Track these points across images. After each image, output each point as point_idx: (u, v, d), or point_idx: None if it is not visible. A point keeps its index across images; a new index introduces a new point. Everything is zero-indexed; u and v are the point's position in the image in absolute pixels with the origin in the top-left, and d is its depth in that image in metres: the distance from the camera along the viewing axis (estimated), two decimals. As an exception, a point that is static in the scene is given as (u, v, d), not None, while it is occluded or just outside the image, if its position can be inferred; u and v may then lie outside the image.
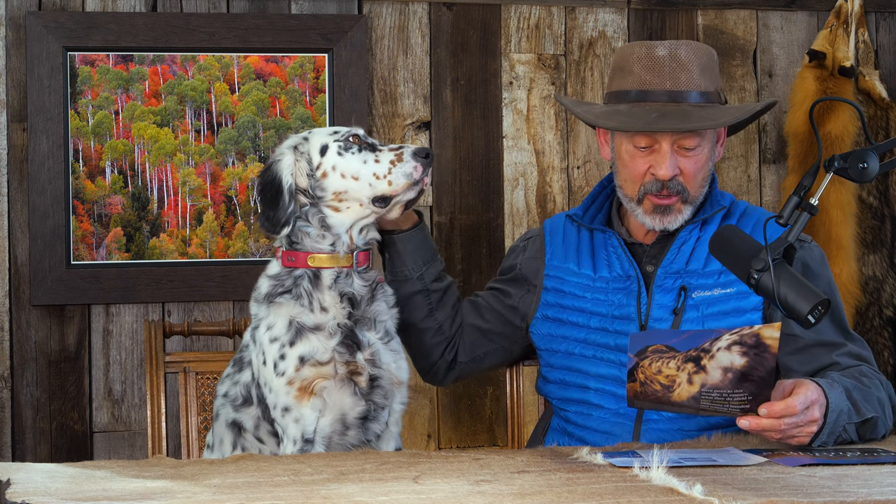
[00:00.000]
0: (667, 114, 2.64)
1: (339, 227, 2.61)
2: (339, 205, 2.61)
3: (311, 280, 2.59)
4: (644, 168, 2.68)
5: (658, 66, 2.67)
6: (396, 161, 2.59)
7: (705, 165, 2.70)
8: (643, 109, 2.66)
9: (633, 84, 2.69)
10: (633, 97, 2.69)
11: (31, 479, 2.07)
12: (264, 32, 3.83)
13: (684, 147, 2.66)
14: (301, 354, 2.55)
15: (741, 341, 2.24)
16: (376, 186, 2.59)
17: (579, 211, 2.85)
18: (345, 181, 2.60)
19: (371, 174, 2.59)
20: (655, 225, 2.70)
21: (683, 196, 2.68)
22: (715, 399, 2.27)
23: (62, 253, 3.71)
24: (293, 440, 2.55)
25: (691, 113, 2.65)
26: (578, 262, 2.80)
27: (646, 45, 2.71)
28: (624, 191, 2.73)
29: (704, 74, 2.69)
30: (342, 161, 2.61)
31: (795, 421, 2.32)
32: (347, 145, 2.62)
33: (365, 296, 2.61)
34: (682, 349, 2.26)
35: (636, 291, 2.71)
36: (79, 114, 3.73)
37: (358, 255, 2.62)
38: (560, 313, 2.80)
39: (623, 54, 2.74)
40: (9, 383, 3.72)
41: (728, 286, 2.67)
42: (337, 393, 2.57)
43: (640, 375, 2.29)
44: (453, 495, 1.95)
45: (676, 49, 2.68)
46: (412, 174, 2.59)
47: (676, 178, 2.67)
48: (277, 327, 2.58)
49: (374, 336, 2.61)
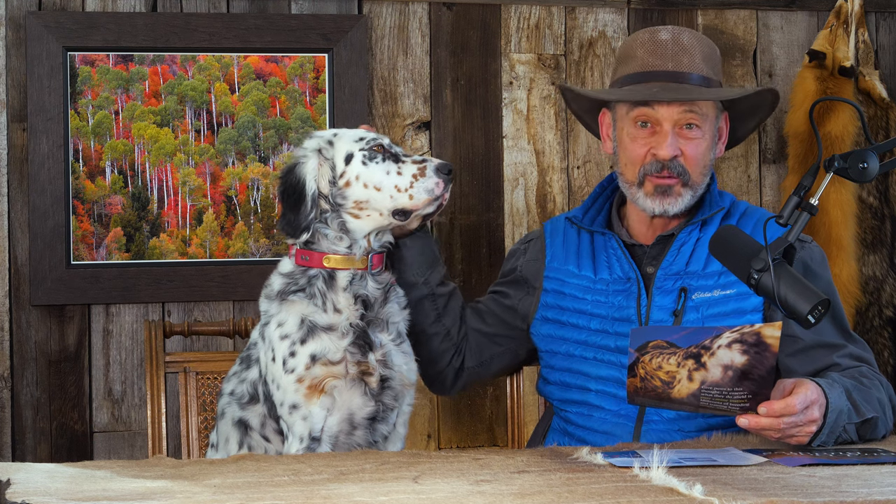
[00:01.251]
0: (668, 88, 2.67)
1: (357, 232, 2.61)
2: (360, 213, 2.60)
3: (325, 280, 2.59)
4: (645, 150, 2.70)
5: (661, 48, 2.70)
6: (419, 175, 2.58)
7: (706, 153, 2.71)
8: (645, 86, 2.70)
9: (636, 67, 2.73)
10: (635, 79, 2.71)
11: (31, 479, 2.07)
12: (264, 32, 3.83)
13: (685, 127, 2.68)
14: (312, 353, 2.55)
15: (742, 339, 2.24)
16: (397, 199, 2.58)
17: (579, 213, 2.86)
18: (367, 191, 2.59)
19: (393, 186, 2.58)
20: (655, 208, 2.70)
21: (684, 178, 2.69)
22: (715, 397, 2.27)
23: (62, 253, 3.71)
24: (300, 438, 2.55)
25: (692, 90, 2.68)
26: (579, 264, 2.80)
27: (649, 31, 2.75)
28: (625, 176, 2.74)
29: (706, 62, 2.72)
30: (366, 171, 2.60)
31: (795, 420, 2.32)
32: (372, 154, 2.61)
33: (379, 298, 2.61)
34: (683, 345, 2.26)
35: (636, 293, 2.71)
36: (79, 114, 3.73)
37: (373, 258, 2.62)
38: (560, 315, 2.80)
39: (627, 42, 2.78)
40: (9, 383, 3.72)
41: (728, 287, 2.67)
42: (347, 392, 2.57)
43: (640, 371, 2.29)
44: (453, 495, 1.95)
45: (680, 34, 2.72)
46: (433, 190, 2.58)
47: (677, 160, 2.68)
48: (289, 324, 2.58)
49: (387, 337, 2.62)
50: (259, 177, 3.82)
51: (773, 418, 2.29)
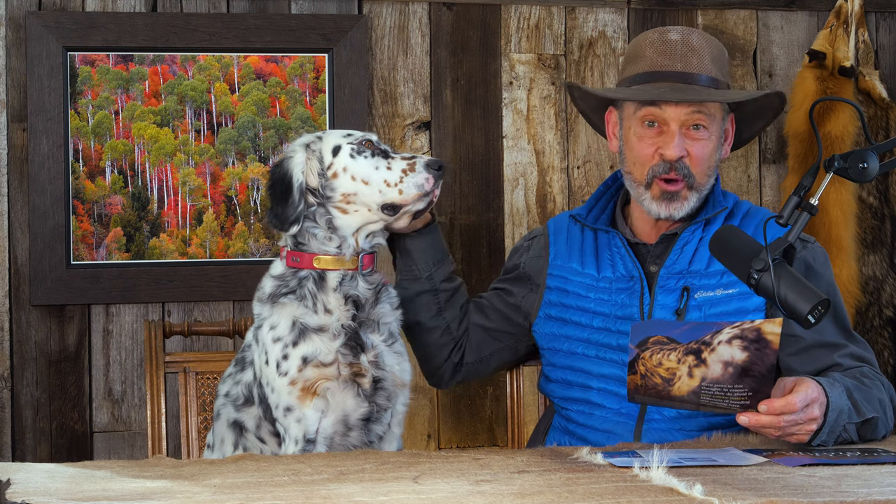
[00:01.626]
0: (677, 89, 2.68)
1: (345, 229, 2.61)
2: (347, 207, 2.60)
3: (315, 281, 2.59)
4: (652, 150, 2.70)
5: (670, 49, 2.70)
6: (408, 170, 2.59)
7: (712, 154, 2.72)
8: (652, 86, 2.70)
9: (644, 67, 2.73)
10: (643, 79, 2.72)
11: (31, 479, 2.07)
12: (264, 32, 3.83)
13: (692, 128, 2.68)
14: (304, 355, 2.55)
15: (742, 335, 2.24)
16: (386, 193, 2.58)
17: (583, 211, 2.86)
18: (355, 184, 2.60)
19: (382, 181, 2.59)
20: (661, 212, 2.71)
21: (689, 181, 2.69)
22: (715, 394, 2.27)
23: (62, 253, 3.71)
24: (295, 440, 2.55)
25: (700, 91, 2.69)
26: (582, 261, 2.80)
27: (659, 31, 2.76)
28: (633, 176, 2.74)
29: (715, 63, 2.73)
30: (354, 164, 2.61)
31: (795, 419, 2.32)
32: (360, 149, 2.62)
33: (369, 298, 2.61)
34: (684, 340, 2.26)
35: (639, 292, 2.71)
36: (79, 114, 3.73)
37: (363, 258, 2.62)
38: (563, 312, 2.80)
39: (636, 42, 2.78)
40: (9, 383, 3.72)
41: (731, 287, 2.67)
42: (340, 394, 2.57)
43: (640, 367, 2.28)
44: (453, 495, 1.95)
45: (689, 35, 2.72)
46: (423, 185, 2.58)
47: (683, 161, 2.69)
48: (281, 327, 2.58)
49: (378, 338, 2.61)
50: (259, 177, 3.82)
51: (774, 416, 2.30)
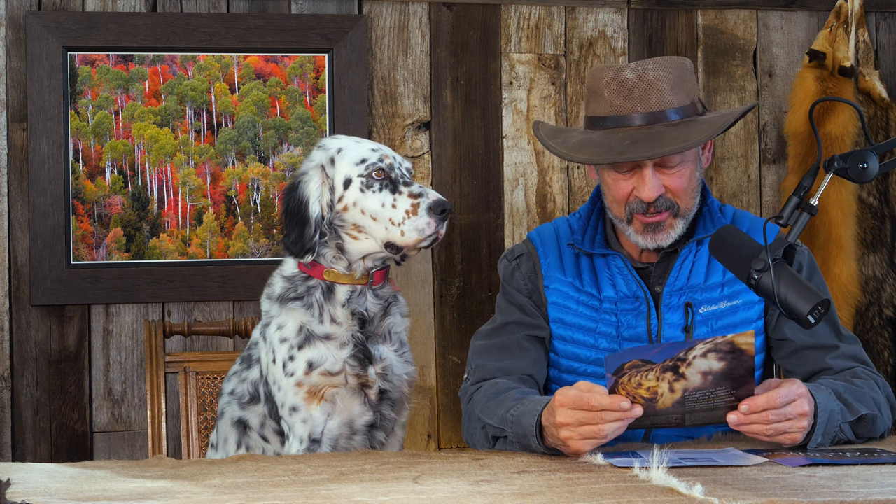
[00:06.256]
0: (639, 140, 2.57)
1: (354, 253, 2.61)
2: (359, 234, 2.61)
3: (324, 293, 2.59)
4: (628, 190, 2.64)
5: (627, 89, 2.61)
6: (411, 213, 2.57)
7: (692, 178, 2.66)
8: (616, 137, 2.60)
9: (605, 110, 2.63)
10: (606, 123, 2.64)
11: (31, 479, 2.07)
12: (264, 32, 3.83)
13: (666, 166, 2.63)
14: (310, 359, 2.55)
15: (716, 349, 2.24)
16: (390, 232, 2.57)
17: (578, 236, 2.77)
18: (364, 217, 2.60)
19: (387, 219, 2.58)
20: (648, 244, 2.66)
21: (674, 210, 2.64)
22: (699, 399, 2.27)
23: (62, 253, 3.71)
24: (300, 439, 2.55)
25: (664, 135, 2.57)
26: (581, 281, 2.74)
27: (613, 70, 2.64)
28: (613, 212, 2.69)
29: (676, 90, 2.62)
30: (363, 198, 2.60)
31: (782, 413, 2.30)
32: (370, 182, 2.60)
33: (377, 313, 2.61)
34: (658, 360, 2.26)
35: (646, 312, 2.68)
36: (79, 114, 3.73)
37: (374, 274, 2.62)
38: (564, 331, 2.75)
39: (593, 78, 2.67)
40: (9, 383, 3.72)
41: (734, 298, 2.66)
42: (347, 400, 2.57)
43: (621, 392, 2.28)
44: (453, 495, 1.95)
45: (644, 70, 2.61)
46: (424, 230, 2.57)
47: (663, 196, 2.62)
48: (288, 328, 2.59)
49: (389, 349, 2.62)
50: (259, 177, 3.82)
51: (758, 413, 2.28)
